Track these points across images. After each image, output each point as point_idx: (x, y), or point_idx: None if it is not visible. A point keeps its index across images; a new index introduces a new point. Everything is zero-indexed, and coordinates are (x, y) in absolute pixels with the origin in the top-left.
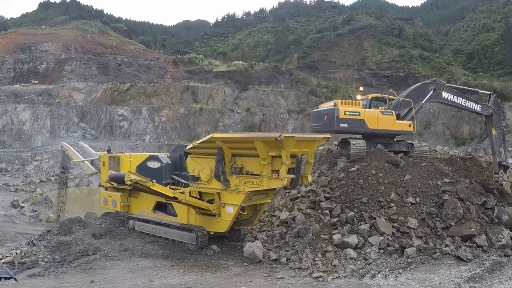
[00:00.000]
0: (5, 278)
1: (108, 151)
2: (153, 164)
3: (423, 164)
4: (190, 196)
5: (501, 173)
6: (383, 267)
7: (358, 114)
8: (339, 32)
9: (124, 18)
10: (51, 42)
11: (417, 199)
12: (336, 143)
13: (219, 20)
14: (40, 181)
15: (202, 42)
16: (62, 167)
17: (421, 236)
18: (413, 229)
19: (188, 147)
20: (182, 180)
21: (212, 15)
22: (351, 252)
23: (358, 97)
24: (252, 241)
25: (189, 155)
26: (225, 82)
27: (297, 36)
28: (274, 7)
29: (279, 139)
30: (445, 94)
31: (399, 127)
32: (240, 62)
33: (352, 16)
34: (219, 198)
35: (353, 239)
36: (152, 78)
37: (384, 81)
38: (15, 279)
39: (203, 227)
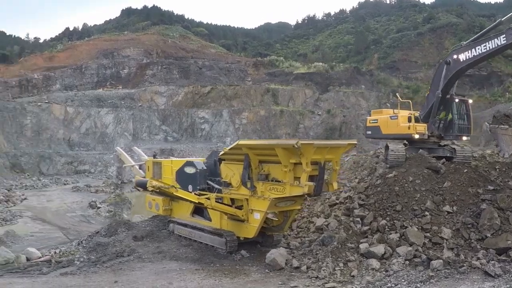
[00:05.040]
0: None
1: (154, 156)
2: (189, 170)
3: (465, 170)
4: (216, 201)
5: None
6: (402, 280)
7: (376, 121)
8: (419, 31)
9: (205, 22)
10: (133, 48)
11: (454, 208)
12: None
13: (300, 22)
14: (122, 182)
15: (282, 44)
16: (117, 170)
17: (452, 248)
18: (446, 239)
19: (220, 153)
20: (216, 186)
21: (293, 17)
22: (373, 263)
23: None
24: (285, 247)
25: (222, 161)
26: (305, 84)
27: (377, 36)
28: (354, 7)
29: (295, 146)
30: (462, 56)
31: (399, 131)
32: (321, 63)
33: (432, 15)
34: (248, 204)
35: (379, 249)
36: (233, 81)
37: (466, 80)
38: None
39: (234, 232)
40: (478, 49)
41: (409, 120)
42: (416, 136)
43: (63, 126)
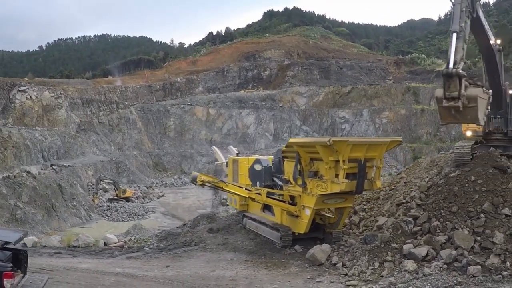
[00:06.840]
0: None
1: (237, 155)
2: (257, 167)
3: None
4: (269, 197)
5: None
6: (427, 283)
7: None
8: None
9: (346, 22)
10: (274, 50)
11: None
12: None
13: (442, 17)
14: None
15: (425, 41)
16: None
17: (500, 254)
18: (497, 244)
19: (282, 151)
20: (279, 182)
21: (436, 12)
22: (408, 264)
23: None
24: (341, 244)
25: (285, 159)
26: None
27: None
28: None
29: (328, 143)
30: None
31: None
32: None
33: None
34: (300, 200)
35: (421, 250)
36: (373, 80)
37: None
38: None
39: (290, 227)
40: None
41: None
42: (468, 134)
43: (205, 127)
